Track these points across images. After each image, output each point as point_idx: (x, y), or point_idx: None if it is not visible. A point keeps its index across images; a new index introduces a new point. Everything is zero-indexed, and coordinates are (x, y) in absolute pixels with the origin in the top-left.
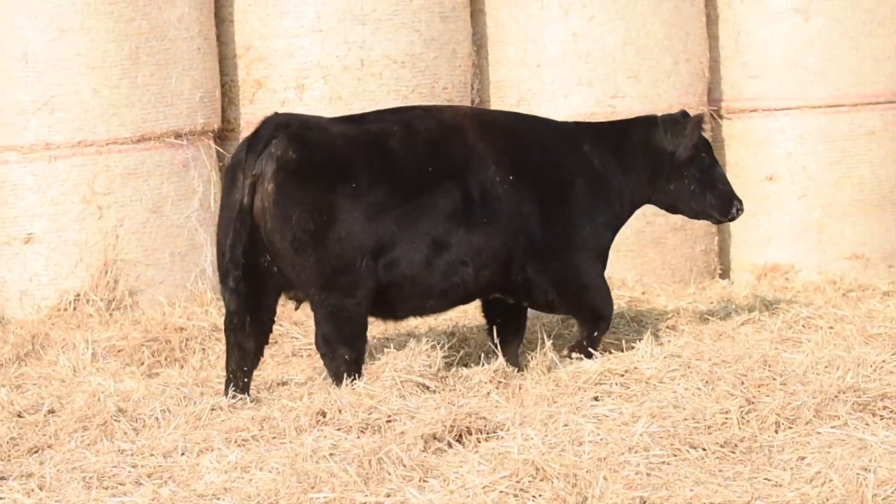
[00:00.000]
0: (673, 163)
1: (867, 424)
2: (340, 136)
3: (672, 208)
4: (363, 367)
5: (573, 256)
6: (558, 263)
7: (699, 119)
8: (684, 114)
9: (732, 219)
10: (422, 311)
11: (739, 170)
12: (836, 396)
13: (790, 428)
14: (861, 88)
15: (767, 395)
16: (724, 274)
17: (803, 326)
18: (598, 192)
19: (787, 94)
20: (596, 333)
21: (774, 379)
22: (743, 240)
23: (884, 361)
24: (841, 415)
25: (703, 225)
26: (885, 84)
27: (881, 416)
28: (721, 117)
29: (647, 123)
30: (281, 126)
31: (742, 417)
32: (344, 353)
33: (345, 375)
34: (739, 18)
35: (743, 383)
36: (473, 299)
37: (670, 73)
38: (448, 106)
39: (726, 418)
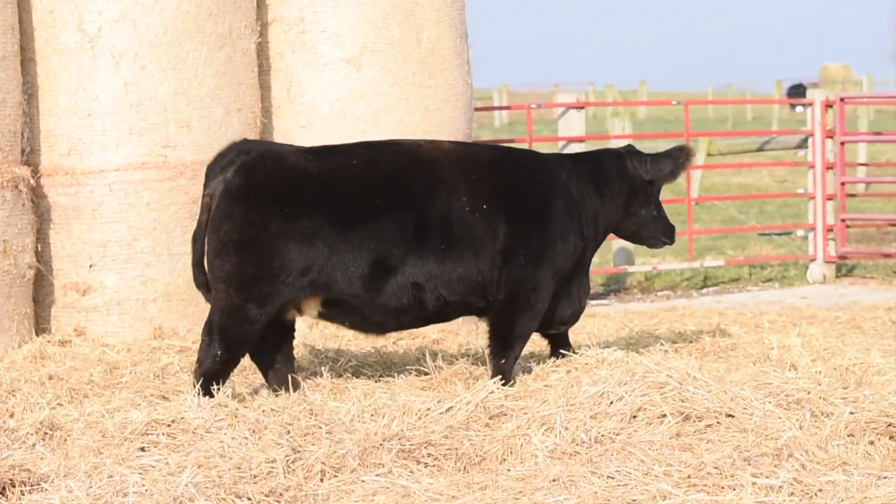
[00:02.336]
0: (645, 190)
1: (411, 472)
2: (292, 167)
3: (635, 236)
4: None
5: (537, 271)
6: (523, 272)
7: (690, 148)
8: (630, 147)
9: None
10: (383, 328)
11: None
12: (380, 444)
13: (335, 476)
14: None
15: (313, 444)
16: None
17: (352, 375)
18: (573, 216)
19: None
20: (506, 359)
21: (320, 427)
22: None
23: (429, 409)
24: (385, 462)
25: None
26: (434, 134)
27: (425, 463)
28: None
29: (618, 154)
30: (242, 153)
31: (288, 466)
32: (218, 349)
33: (209, 367)
34: (291, 68)
35: (289, 432)
36: (440, 319)
37: (222, 123)
38: (431, 141)
39: (272, 467)
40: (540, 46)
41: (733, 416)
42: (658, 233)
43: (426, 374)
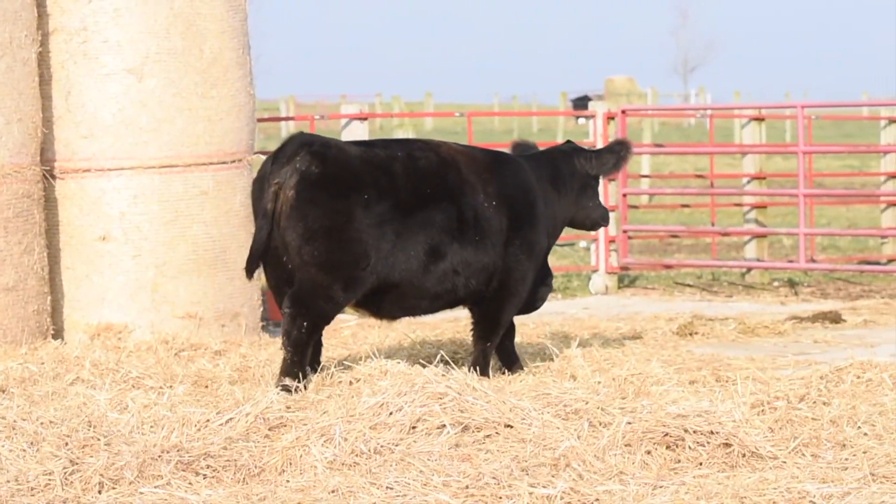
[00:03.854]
0: (591, 184)
1: (190, 483)
2: (357, 157)
3: (581, 225)
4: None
5: (527, 263)
6: (517, 265)
7: (629, 142)
8: (569, 142)
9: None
10: (415, 312)
11: (73, 230)
12: (159, 456)
13: (114, 488)
14: (194, 149)
15: (91, 456)
16: (58, 334)
17: (133, 386)
18: (548, 213)
19: (121, 154)
20: (491, 343)
21: (99, 439)
22: (77, 299)
23: (208, 420)
24: (164, 474)
25: (35, 285)
26: (217, 145)
27: (204, 474)
28: (54, 177)
29: (566, 153)
30: (305, 144)
31: (66, 479)
32: (304, 321)
33: (297, 338)
34: (73, 78)
35: (67, 444)
36: (454, 306)
37: (2, 134)
38: (438, 140)
39: (49, 480)
40: (329, 58)
41: (512, 427)
42: (599, 219)
43: (206, 386)
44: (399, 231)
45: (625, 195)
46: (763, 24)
